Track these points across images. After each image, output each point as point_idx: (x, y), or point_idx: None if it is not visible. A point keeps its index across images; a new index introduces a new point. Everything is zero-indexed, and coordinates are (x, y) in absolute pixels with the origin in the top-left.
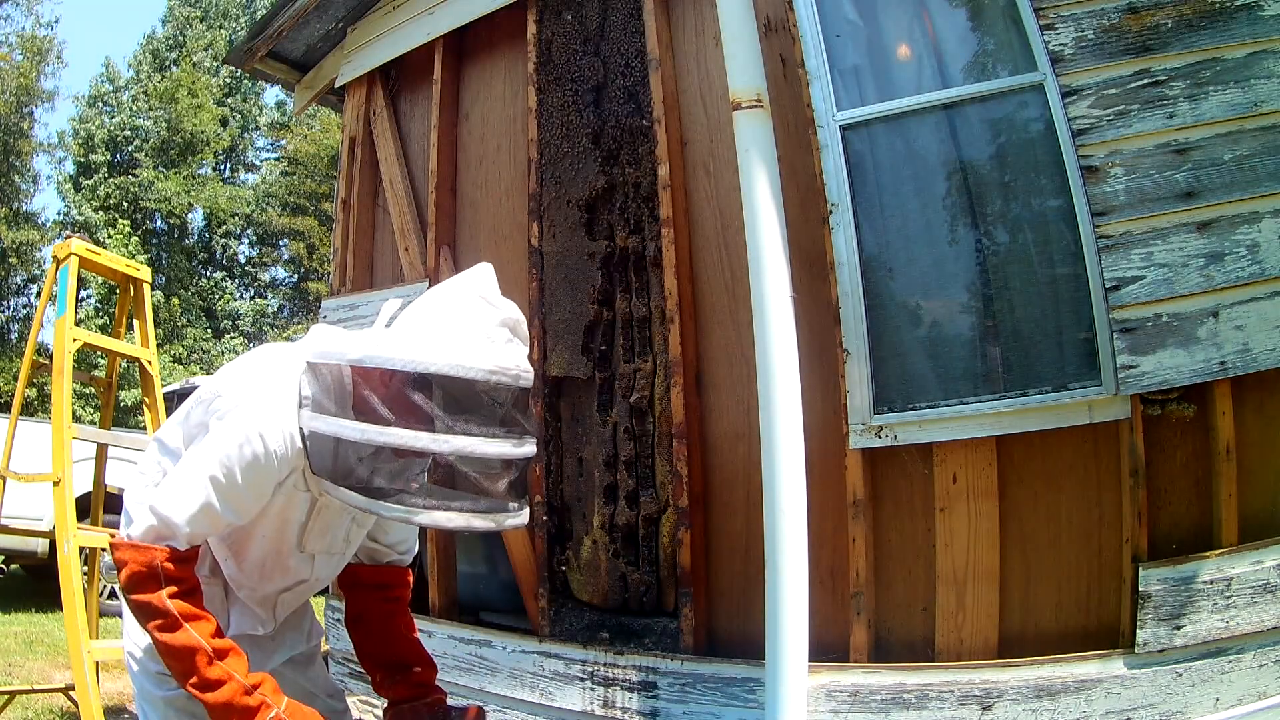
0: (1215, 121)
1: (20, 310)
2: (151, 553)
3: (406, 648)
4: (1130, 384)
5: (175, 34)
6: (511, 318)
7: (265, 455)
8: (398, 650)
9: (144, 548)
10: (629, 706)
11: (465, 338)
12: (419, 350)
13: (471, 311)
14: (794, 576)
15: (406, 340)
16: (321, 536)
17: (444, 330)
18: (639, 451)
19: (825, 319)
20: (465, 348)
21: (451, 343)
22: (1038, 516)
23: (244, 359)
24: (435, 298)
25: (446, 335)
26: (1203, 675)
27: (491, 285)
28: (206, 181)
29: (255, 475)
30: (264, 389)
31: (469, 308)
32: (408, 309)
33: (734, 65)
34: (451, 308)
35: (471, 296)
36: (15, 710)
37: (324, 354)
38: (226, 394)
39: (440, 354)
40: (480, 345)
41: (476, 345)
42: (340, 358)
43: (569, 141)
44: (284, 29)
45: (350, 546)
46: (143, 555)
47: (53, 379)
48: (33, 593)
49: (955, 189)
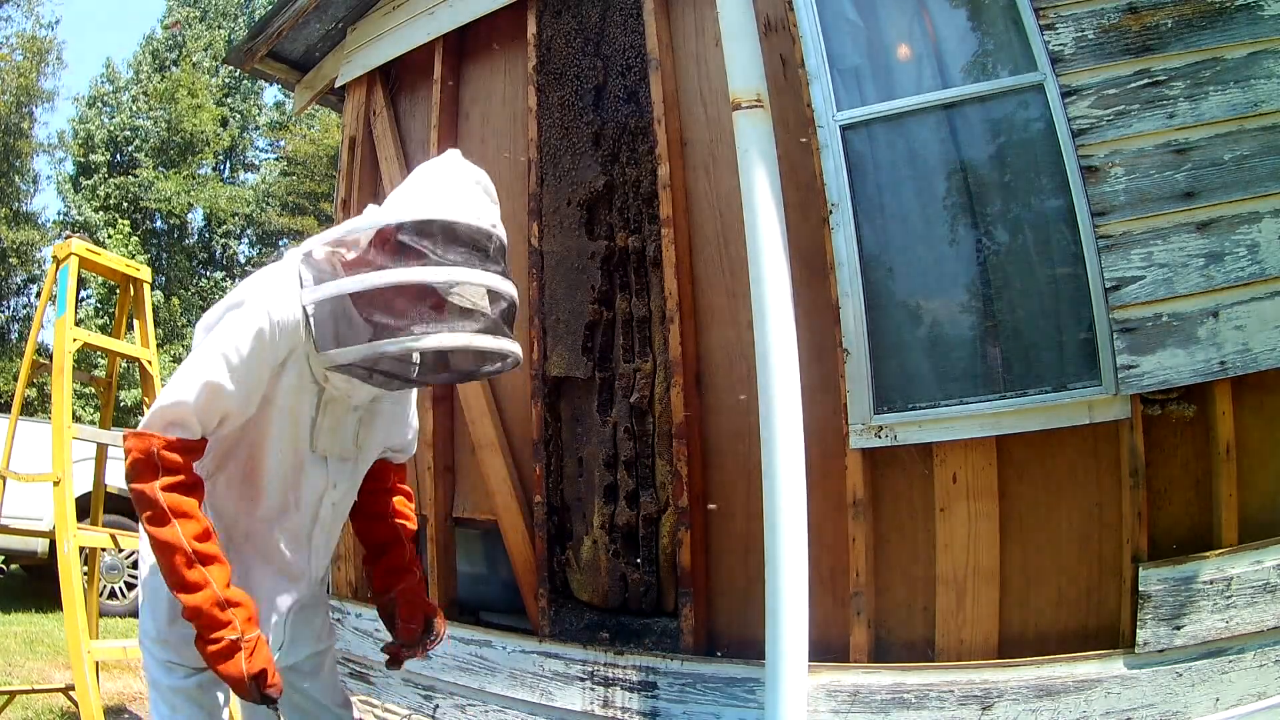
0: (1215, 121)
1: (20, 310)
2: (150, 439)
3: (385, 530)
4: (1130, 384)
5: (175, 34)
6: (483, 179)
7: (270, 327)
8: (376, 534)
9: (145, 435)
10: (629, 706)
11: (445, 194)
12: (404, 207)
13: (446, 175)
14: (794, 576)
15: (389, 205)
16: (332, 435)
17: (424, 191)
18: (639, 451)
19: (825, 319)
20: (446, 200)
21: (433, 197)
22: (1038, 516)
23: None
24: (411, 177)
25: (428, 194)
26: (1203, 675)
27: (460, 159)
28: (206, 181)
29: (259, 348)
30: (265, 278)
31: (443, 173)
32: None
33: (734, 65)
34: (426, 176)
35: (444, 165)
36: (15, 710)
37: (313, 243)
38: (234, 294)
39: (424, 206)
40: (459, 198)
41: (456, 197)
42: (327, 237)
43: (569, 141)
44: (284, 29)
45: (361, 453)
46: (143, 442)
47: (53, 379)
48: (33, 593)
49: (955, 189)
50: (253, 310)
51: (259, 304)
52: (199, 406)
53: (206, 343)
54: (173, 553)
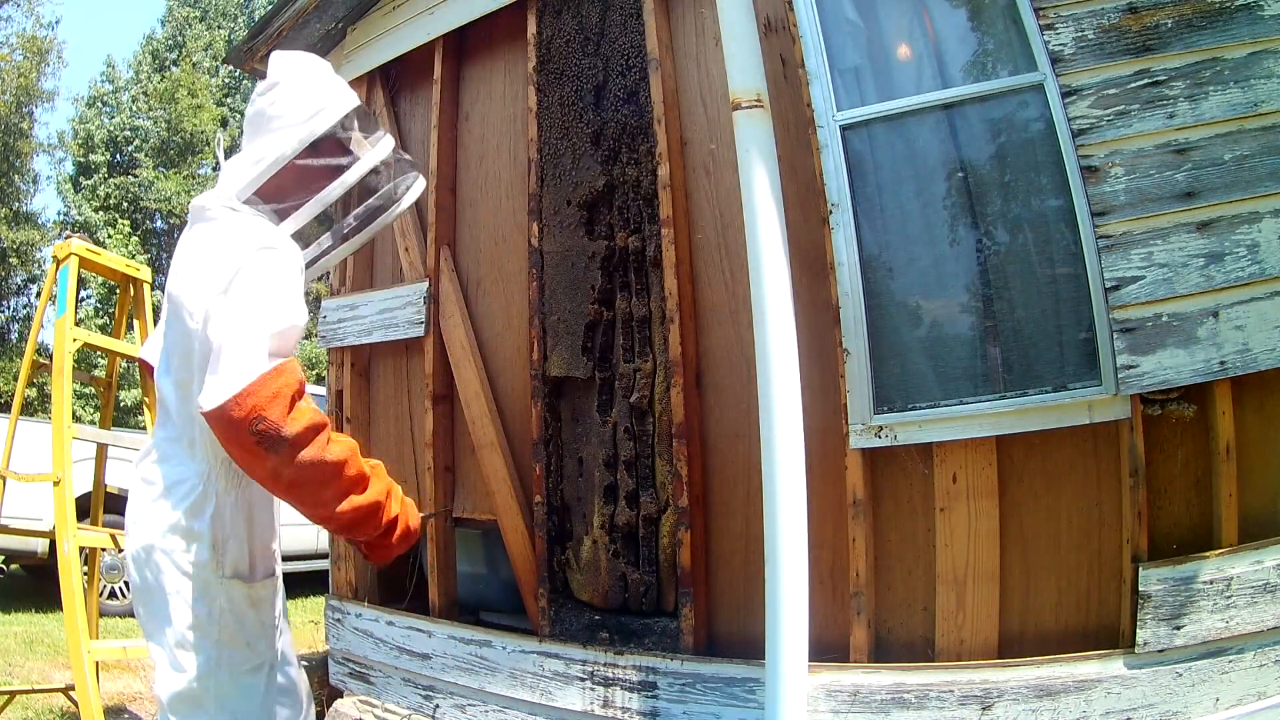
0: (1215, 121)
1: (20, 310)
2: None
3: None
4: (1130, 384)
5: (175, 34)
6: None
7: (300, 259)
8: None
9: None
10: (629, 706)
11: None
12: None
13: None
14: (794, 576)
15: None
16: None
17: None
18: (639, 451)
19: (825, 319)
20: (331, 92)
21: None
22: (1038, 516)
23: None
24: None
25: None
26: (1203, 675)
27: (295, 57)
28: (206, 181)
29: (300, 277)
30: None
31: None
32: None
33: (734, 65)
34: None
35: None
36: (15, 710)
37: (232, 195)
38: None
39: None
40: (332, 85)
41: (332, 86)
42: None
43: (569, 141)
44: (284, 29)
45: None
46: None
47: (53, 379)
48: (33, 593)
49: (955, 189)
50: (286, 248)
51: (279, 243)
52: (292, 340)
53: (263, 282)
54: (350, 458)
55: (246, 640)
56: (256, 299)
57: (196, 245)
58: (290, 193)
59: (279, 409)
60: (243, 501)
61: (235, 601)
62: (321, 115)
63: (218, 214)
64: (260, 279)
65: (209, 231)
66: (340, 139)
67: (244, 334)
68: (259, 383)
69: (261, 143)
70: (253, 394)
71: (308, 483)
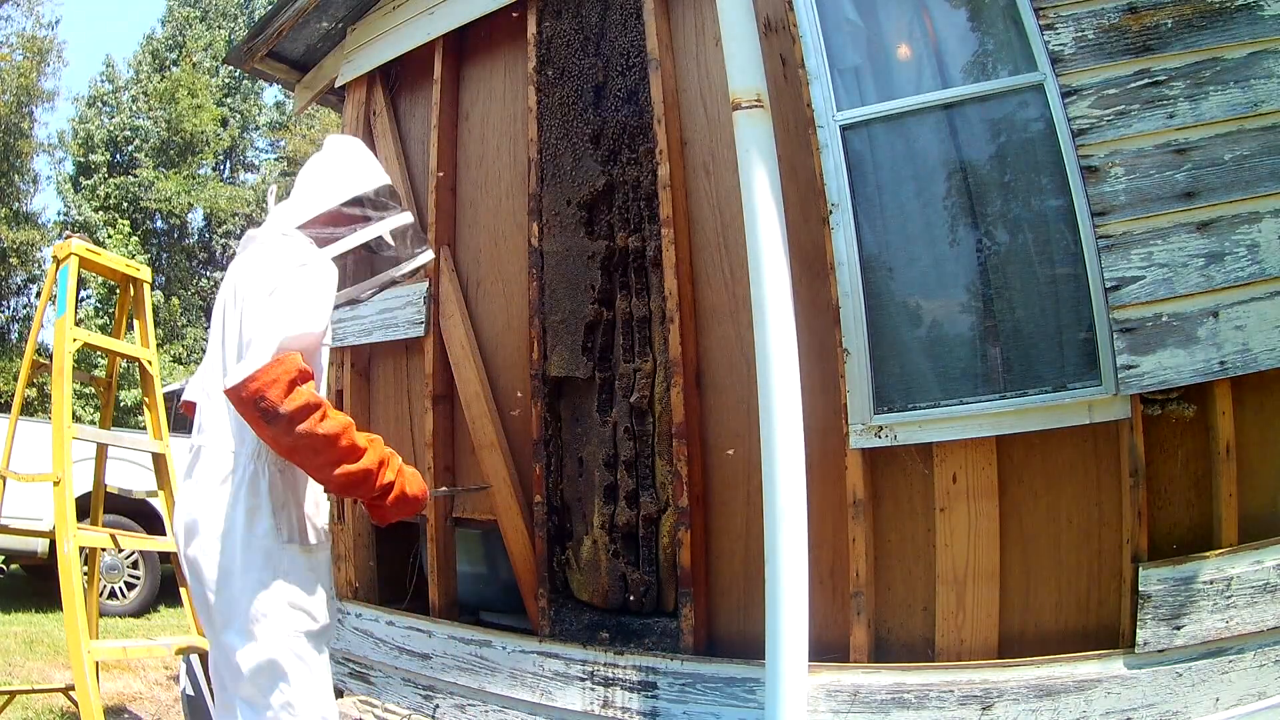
0: (1215, 121)
1: (20, 310)
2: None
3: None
4: (1130, 384)
5: (175, 34)
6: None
7: (335, 276)
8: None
9: (278, 361)
10: (629, 706)
11: (368, 163)
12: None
13: (357, 151)
14: (794, 576)
15: (339, 181)
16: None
17: (358, 165)
18: (639, 451)
19: (825, 319)
20: (373, 168)
21: (365, 167)
22: (1038, 516)
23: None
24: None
25: (361, 166)
26: (1203, 675)
27: (348, 140)
28: (206, 181)
29: (332, 294)
30: (294, 247)
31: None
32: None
33: (734, 65)
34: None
35: (349, 146)
36: (15, 710)
37: (287, 222)
38: (275, 265)
39: (370, 175)
40: (374, 164)
41: (374, 165)
42: (301, 218)
43: (569, 141)
44: (284, 29)
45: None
46: (280, 368)
47: (53, 379)
48: (33, 593)
49: (955, 189)
50: (322, 266)
51: (316, 261)
52: (305, 342)
53: (295, 292)
54: (342, 433)
55: (310, 604)
56: (283, 306)
57: (249, 264)
58: (332, 230)
59: (278, 390)
60: (290, 473)
61: (297, 566)
62: (365, 178)
63: (268, 239)
64: (292, 291)
65: (260, 252)
66: (375, 201)
67: (263, 332)
68: (263, 369)
69: (315, 190)
70: (257, 379)
71: (302, 449)
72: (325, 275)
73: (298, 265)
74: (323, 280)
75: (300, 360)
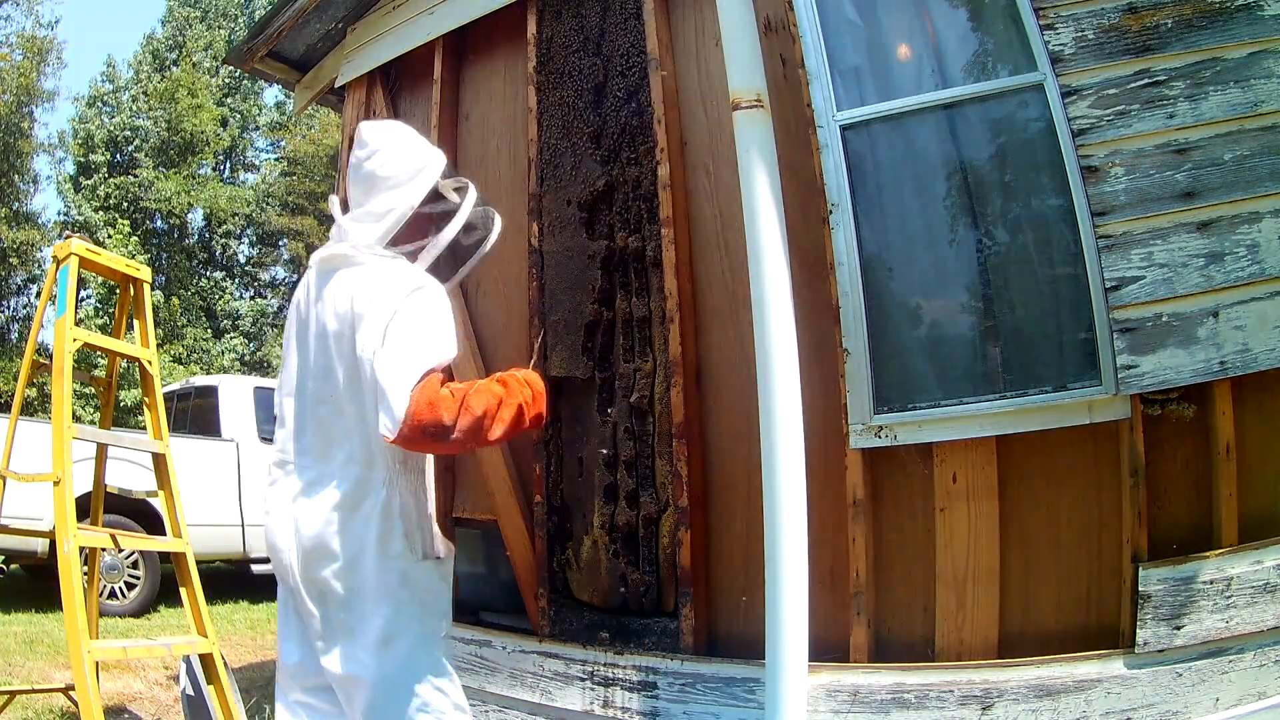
0: (1215, 121)
1: (20, 310)
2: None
3: None
4: (1130, 384)
5: (175, 34)
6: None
7: (444, 292)
8: None
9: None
10: (629, 706)
11: (419, 145)
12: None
13: (403, 133)
14: (794, 576)
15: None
16: None
17: (413, 152)
18: (639, 451)
19: (825, 319)
20: (424, 150)
21: (420, 152)
22: (1038, 516)
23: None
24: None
25: (416, 152)
26: (1203, 675)
27: (386, 125)
28: (206, 181)
29: (448, 309)
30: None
31: (400, 134)
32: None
33: (734, 65)
34: (393, 143)
35: (394, 130)
36: (15, 710)
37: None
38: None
39: (429, 163)
40: (423, 143)
41: (424, 144)
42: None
43: (569, 141)
44: (284, 29)
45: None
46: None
47: (53, 379)
48: (33, 593)
49: (955, 189)
50: (433, 287)
51: (426, 283)
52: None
53: (417, 321)
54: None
55: (442, 611)
56: (411, 340)
57: (355, 287)
58: (410, 237)
59: (433, 413)
60: (418, 492)
61: (432, 580)
62: (428, 170)
63: (364, 259)
64: (415, 320)
65: (362, 275)
66: (438, 188)
67: (400, 371)
68: (413, 404)
69: (384, 198)
70: (414, 414)
71: (470, 438)
72: (439, 295)
73: (411, 290)
74: (440, 300)
75: (438, 376)
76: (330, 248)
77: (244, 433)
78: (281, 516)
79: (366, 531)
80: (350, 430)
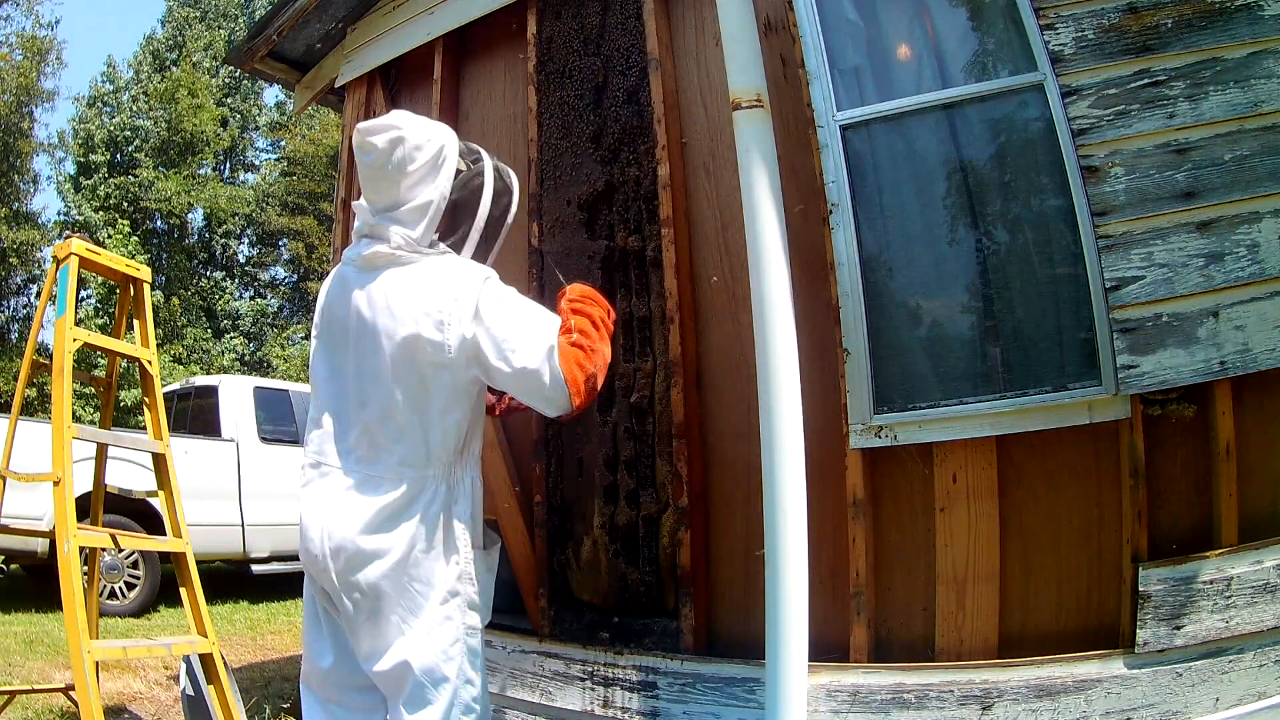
0: (1215, 121)
1: (20, 310)
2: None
3: None
4: (1130, 384)
5: (175, 34)
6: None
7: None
8: None
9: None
10: (629, 706)
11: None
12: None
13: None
14: (794, 576)
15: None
16: None
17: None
18: (639, 451)
19: (825, 319)
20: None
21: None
22: (1038, 516)
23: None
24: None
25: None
26: (1203, 675)
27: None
28: (206, 181)
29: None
30: (462, 264)
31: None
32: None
33: (734, 65)
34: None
35: (409, 118)
36: (15, 710)
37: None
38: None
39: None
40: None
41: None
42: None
43: (569, 141)
44: (284, 29)
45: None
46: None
47: (53, 379)
48: (33, 593)
49: (955, 189)
50: (494, 275)
51: (486, 271)
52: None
53: (511, 303)
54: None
55: (483, 602)
56: (522, 320)
57: (412, 286)
58: (445, 225)
59: (582, 370)
60: (475, 481)
61: (479, 570)
62: (448, 149)
63: (413, 257)
64: (509, 303)
65: (420, 275)
66: (462, 166)
67: (535, 354)
68: (566, 376)
69: (417, 191)
70: (572, 380)
71: (604, 362)
72: (496, 277)
73: (483, 279)
74: (501, 284)
75: (554, 330)
76: (374, 246)
77: (244, 433)
78: (317, 519)
79: (421, 530)
80: (403, 430)
